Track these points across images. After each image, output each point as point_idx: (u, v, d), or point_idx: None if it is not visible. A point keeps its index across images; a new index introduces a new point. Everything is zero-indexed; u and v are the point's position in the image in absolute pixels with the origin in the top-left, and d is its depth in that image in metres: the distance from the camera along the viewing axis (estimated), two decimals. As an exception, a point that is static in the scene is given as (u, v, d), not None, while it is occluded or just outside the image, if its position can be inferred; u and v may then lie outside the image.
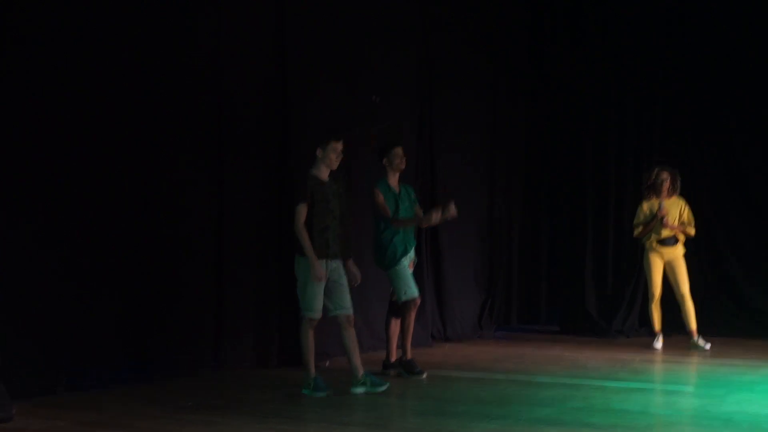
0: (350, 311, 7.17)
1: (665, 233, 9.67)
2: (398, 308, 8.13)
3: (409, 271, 8.08)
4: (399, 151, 8.11)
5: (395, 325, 8.13)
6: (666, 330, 10.06)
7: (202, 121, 8.15)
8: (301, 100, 8.80)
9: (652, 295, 9.74)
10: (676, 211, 9.78)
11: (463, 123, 11.01)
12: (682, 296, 9.67)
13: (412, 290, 7.99)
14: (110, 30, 7.42)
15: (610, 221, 11.39)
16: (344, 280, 7.19)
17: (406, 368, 8.03)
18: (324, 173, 7.15)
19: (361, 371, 7.11)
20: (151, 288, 7.78)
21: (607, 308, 11.25)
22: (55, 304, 7.16)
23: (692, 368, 8.28)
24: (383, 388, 7.10)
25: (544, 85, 11.91)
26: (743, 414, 6.20)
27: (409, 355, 8.08)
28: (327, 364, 8.39)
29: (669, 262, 9.71)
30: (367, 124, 9.28)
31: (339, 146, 7.12)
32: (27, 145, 6.86)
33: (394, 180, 8.14)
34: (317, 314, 7.08)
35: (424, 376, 7.97)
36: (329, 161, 7.11)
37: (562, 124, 11.76)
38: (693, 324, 9.64)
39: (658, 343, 9.77)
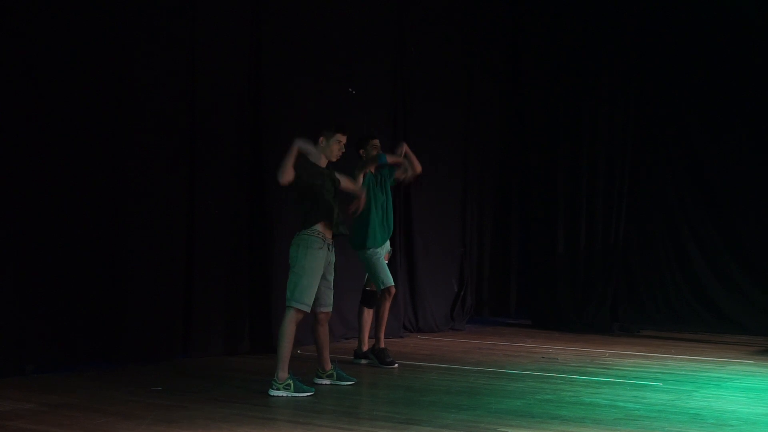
0: (330, 308, 6.90)
1: None
2: (370, 297, 8.17)
3: (385, 262, 8.10)
4: (376, 143, 8.14)
5: (367, 315, 8.16)
6: (639, 326, 10.04)
7: (175, 117, 8.17)
8: (275, 99, 8.85)
9: None
10: None
11: (438, 121, 11.03)
12: None
13: (389, 279, 8.07)
14: (83, 32, 7.46)
15: (582, 217, 11.42)
16: (332, 277, 6.90)
17: (378, 357, 8.04)
18: (322, 162, 6.88)
19: (329, 365, 7.06)
20: (122, 275, 7.80)
21: (578, 303, 11.31)
22: (25, 288, 7.13)
23: (661, 364, 8.33)
24: (348, 383, 7.05)
25: (521, 86, 11.92)
26: (710, 410, 6.25)
27: (381, 344, 8.10)
28: (298, 351, 8.37)
29: None
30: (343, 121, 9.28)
31: (343, 139, 6.89)
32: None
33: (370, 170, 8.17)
34: (307, 308, 6.66)
35: (396, 366, 7.99)
36: (330, 152, 6.86)
37: (539, 124, 11.79)
38: None
39: None
